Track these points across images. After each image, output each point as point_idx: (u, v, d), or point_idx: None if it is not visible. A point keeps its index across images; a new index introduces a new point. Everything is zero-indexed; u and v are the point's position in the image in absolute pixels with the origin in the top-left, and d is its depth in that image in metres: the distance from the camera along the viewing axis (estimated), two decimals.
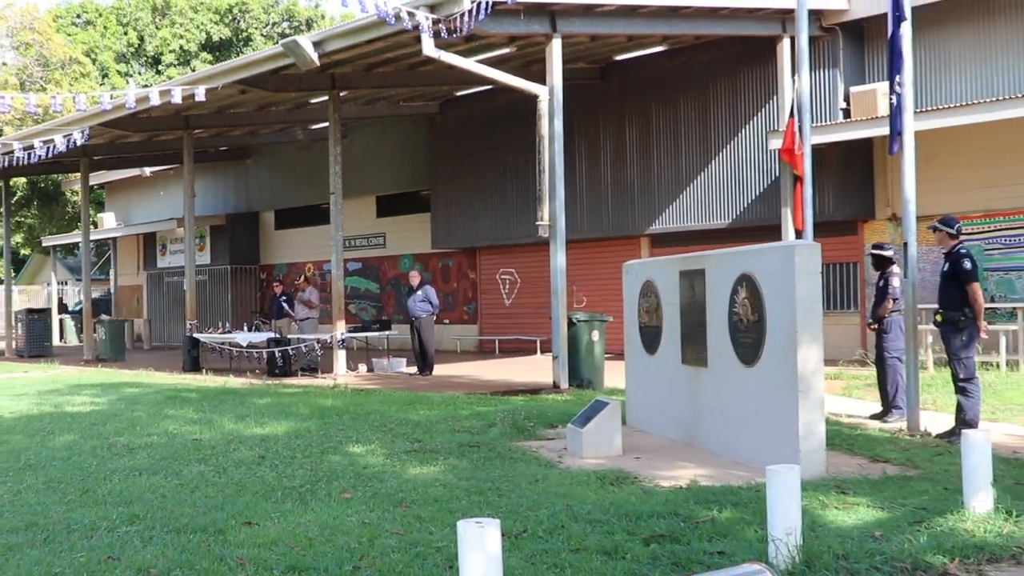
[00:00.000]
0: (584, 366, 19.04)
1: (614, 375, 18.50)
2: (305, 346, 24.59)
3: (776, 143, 20.96)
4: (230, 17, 60.65)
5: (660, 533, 7.72)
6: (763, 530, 7.23)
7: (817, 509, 8.32)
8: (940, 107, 20.45)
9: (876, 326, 14.39)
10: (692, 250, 13.64)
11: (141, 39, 60.65)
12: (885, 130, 14.77)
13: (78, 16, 60.86)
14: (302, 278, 31.17)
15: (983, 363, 17.99)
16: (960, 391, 12.41)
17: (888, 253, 14.34)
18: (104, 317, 37.78)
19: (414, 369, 24.01)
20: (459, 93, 29.55)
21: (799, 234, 14.97)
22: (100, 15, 60.23)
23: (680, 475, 10.32)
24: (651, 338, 13.71)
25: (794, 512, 7.05)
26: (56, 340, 43.88)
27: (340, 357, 23.80)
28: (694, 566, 6.92)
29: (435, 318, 24.13)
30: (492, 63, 22.06)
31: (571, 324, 19.08)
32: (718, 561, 6.99)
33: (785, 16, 21.48)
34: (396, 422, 14.47)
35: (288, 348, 24.63)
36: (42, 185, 49.85)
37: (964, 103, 20.43)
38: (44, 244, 51.74)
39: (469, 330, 32.08)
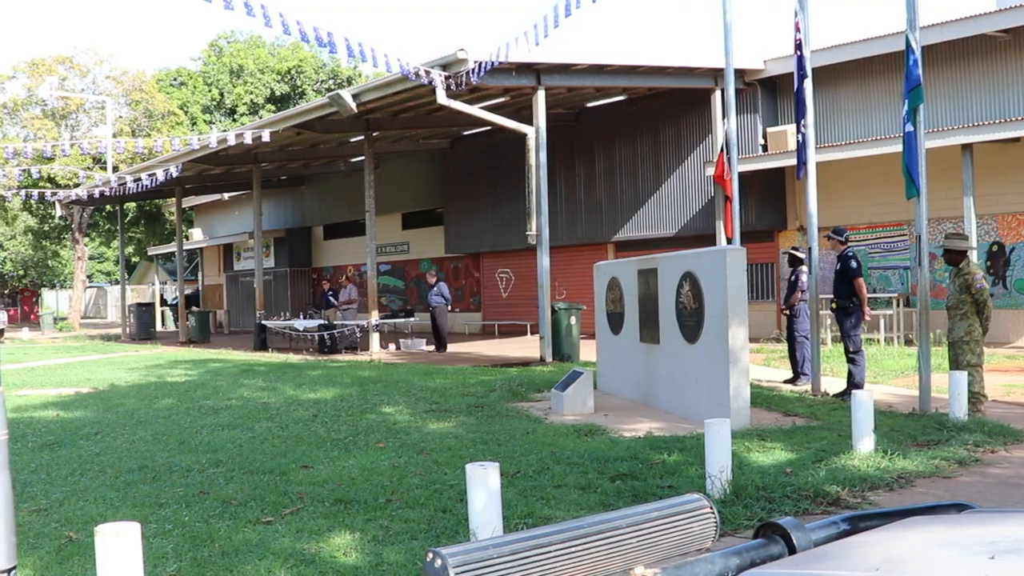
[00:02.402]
0: (564, 344, 19.01)
1: (588, 351, 18.50)
2: (347, 330, 24.59)
3: (711, 170, 21.01)
4: (289, 77, 60.55)
5: (623, 472, 7.74)
6: (702, 469, 7.24)
7: (743, 452, 8.33)
8: (834, 144, 20.53)
9: (788, 311, 14.43)
10: (647, 253, 13.57)
11: (221, 95, 60.55)
12: (794, 161, 14.78)
13: (174, 79, 60.75)
14: (344, 277, 31.10)
15: (868, 339, 18.03)
16: (850, 361, 12.48)
17: (799, 254, 14.38)
18: (194, 308, 37.79)
19: (432, 347, 23.97)
20: (466, 132, 29.50)
21: (729, 241, 14.93)
22: (191, 77, 60.10)
23: (638, 428, 10.33)
24: (616, 322, 13.71)
25: (726, 455, 7.07)
26: (159, 326, 43.88)
27: (374, 338, 23.76)
28: (649, 497, 6.93)
29: (448, 308, 24.11)
30: (491, 109, 22.01)
31: (554, 311, 19.05)
32: (667, 493, 7.00)
33: (716, 74, 21.53)
34: (418, 388, 14.48)
35: (334, 331, 24.62)
36: (147, 208, 49.83)
37: (851, 141, 20.54)
38: (149, 253, 51.75)
39: (474, 317, 32.03)
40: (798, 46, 12.97)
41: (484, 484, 5.37)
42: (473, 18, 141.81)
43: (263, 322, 28.00)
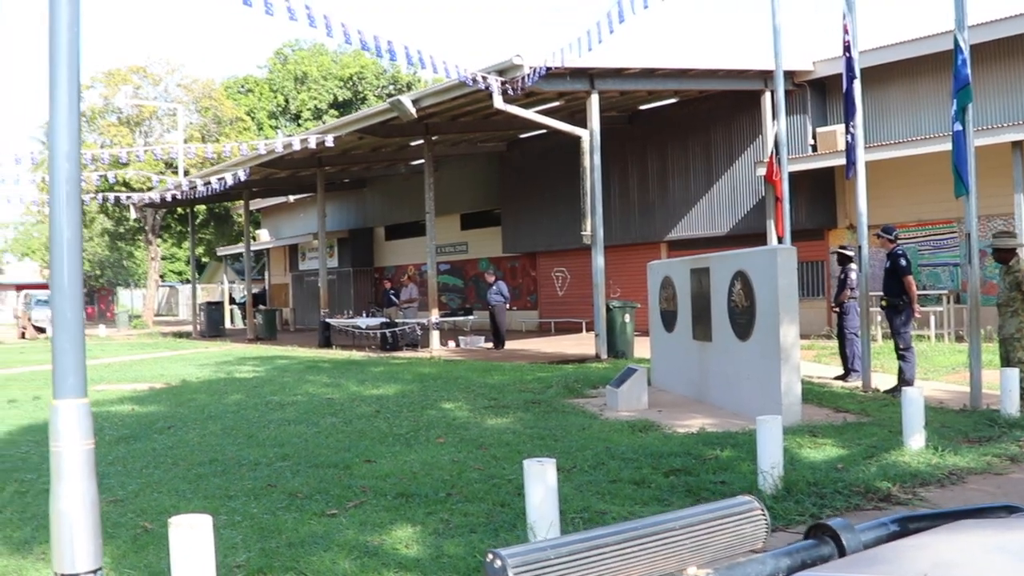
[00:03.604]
0: (619, 341, 18.96)
1: (641, 348, 18.44)
2: (408, 327, 24.71)
3: (761, 171, 20.81)
4: (351, 83, 61.00)
5: (677, 468, 7.69)
6: (754, 465, 7.18)
7: (795, 448, 8.26)
8: (883, 143, 20.24)
9: (838, 309, 14.28)
10: (699, 252, 13.51)
11: (286, 101, 61.15)
12: (843, 161, 14.62)
13: (242, 86, 61.48)
14: (405, 276, 31.29)
15: (918, 336, 17.78)
16: (901, 358, 12.32)
17: (848, 253, 14.22)
18: (261, 307, 38.21)
19: (490, 344, 24.02)
20: (522, 135, 29.54)
21: (780, 240, 14.82)
22: (257, 85, 60.78)
23: (692, 424, 10.28)
24: (669, 320, 13.66)
25: (777, 451, 7.01)
26: (227, 324, 44.42)
27: (435, 336, 23.86)
28: (702, 492, 6.90)
29: (506, 306, 24.14)
30: (545, 113, 22.05)
31: (609, 310, 19.01)
32: (720, 488, 6.96)
33: (766, 76, 21.29)
34: (477, 385, 14.50)
35: (396, 329, 24.75)
36: (216, 210, 50.50)
37: (900, 140, 20.24)
38: (218, 253, 52.47)
39: (531, 315, 32.04)
40: (847, 48, 12.82)
41: (542, 479, 5.38)
42: (527, 24, 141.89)
43: (327, 320, 28.21)
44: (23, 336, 40.66)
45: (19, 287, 68.79)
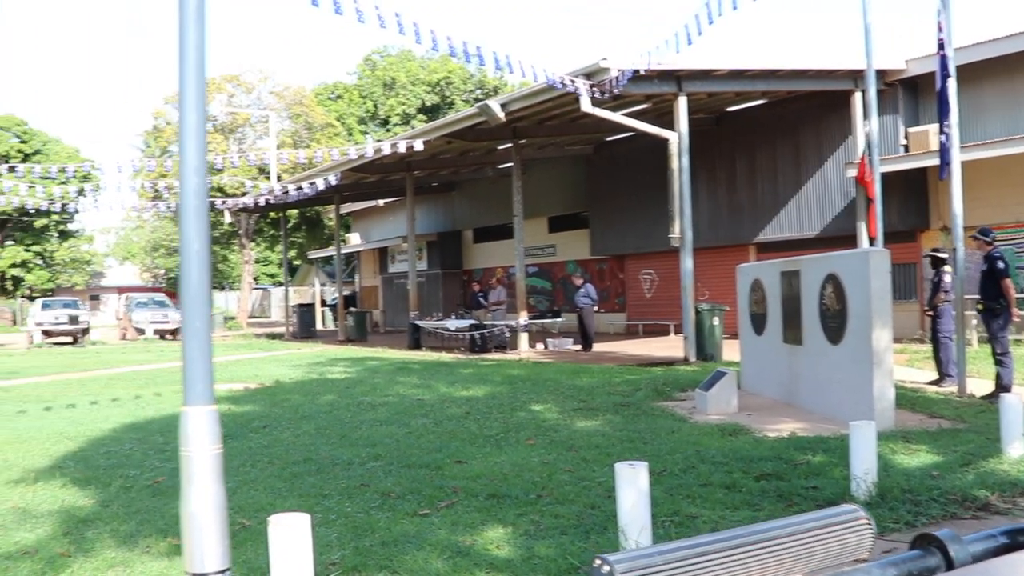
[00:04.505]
0: (707, 344, 18.81)
1: (730, 351, 18.28)
2: (497, 330, 24.82)
3: (852, 172, 20.43)
4: (438, 88, 61.53)
5: (768, 472, 7.60)
6: (847, 470, 7.06)
7: (888, 454, 8.09)
8: (978, 143, 19.69)
9: (931, 312, 13.98)
10: (789, 255, 13.34)
11: (375, 107, 61.93)
12: (937, 161, 14.26)
13: (332, 93, 62.45)
14: (494, 279, 31.42)
15: (1015, 340, 17.26)
16: (998, 363, 12.01)
17: (942, 255, 13.93)
18: (352, 309, 38.70)
19: (578, 347, 23.98)
20: (608, 138, 29.47)
21: (872, 242, 14.55)
22: (347, 91, 61.69)
23: (782, 428, 10.14)
24: (759, 323, 13.50)
25: (871, 456, 6.89)
26: (319, 326, 45.12)
27: (523, 338, 23.93)
28: (794, 497, 6.81)
29: (594, 308, 24.10)
30: (632, 115, 21.97)
31: (697, 312, 18.88)
32: (812, 494, 6.86)
33: (856, 75, 20.87)
34: (566, 387, 14.50)
35: (484, 331, 24.88)
36: (308, 214, 51.31)
37: (996, 139, 19.68)
38: (309, 257, 53.37)
39: (619, 317, 31.92)
40: (941, 46, 12.53)
41: (633, 483, 5.36)
42: (612, 26, 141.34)
43: (417, 322, 28.45)
44: (123, 337, 41.77)
45: (120, 290, 70.91)
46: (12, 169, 24.64)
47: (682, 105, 19.44)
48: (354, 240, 47.83)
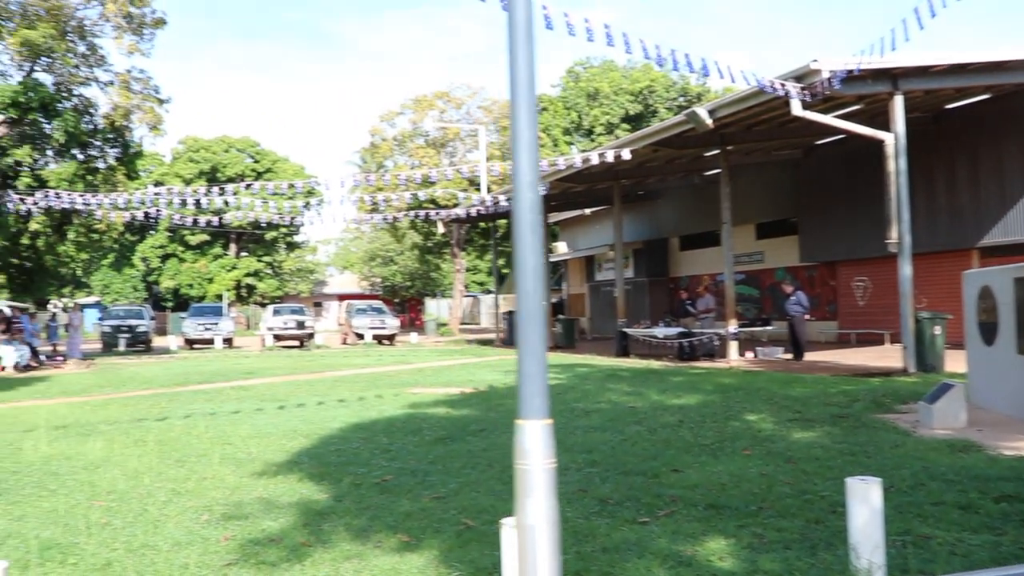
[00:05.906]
0: (928, 354, 17.90)
1: (952, 362, 17.38)
2: (706, 337, 24.45)
3: None
4: (641, 97, 61.33)
5: (1008, 494, 7.08)
6: None
7: None
8: None
9: None
10: (1019, 260, 12.51)
11: (579, 118, 62.33)
12: None
13: (537, 105, 63.41)
14: (701, 287, 30.97)
15: None
16: None
17: None
18: (560, 316, 38.98)
19: (789, 355, 23.33)
20: (817, 142, 28.56)
21: None
22: (551, 103, 62.34)
23: (1020, 446, 9.46)
24: (989, 332, 12.69)
25: None
26: None
27: (732, 346, 23.47)
28: None
29: (805, 316, 23.40)
30: (843, 117, 21.25)
31: (917, 321, 18.02)
32: None
33: None
34: (779, 396, 14.12)
35: (693, 339, 24.54)
36: None
37: None
38: None
39: (829, 325, 30.88)
40: None
41: (865, 499, 5.12)
42: (820, 27, 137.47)
43: (624, 329, 28.37)
44: (344, 342, 43.50)
45: (341, 297, 74.14)
46: (248, 187, 26.19)
47: (898, 104, 18.64)
48: (561, 249, 48.22)
